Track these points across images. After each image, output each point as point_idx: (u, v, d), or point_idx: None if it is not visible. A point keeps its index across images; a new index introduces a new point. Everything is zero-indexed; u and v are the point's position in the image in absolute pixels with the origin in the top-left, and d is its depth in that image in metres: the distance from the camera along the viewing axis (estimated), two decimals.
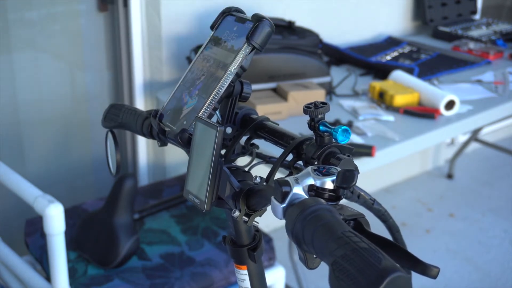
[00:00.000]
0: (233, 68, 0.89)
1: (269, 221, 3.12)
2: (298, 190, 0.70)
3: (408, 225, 3.43)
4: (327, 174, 0.71)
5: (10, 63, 2.45)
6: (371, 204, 0.90)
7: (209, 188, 0.83)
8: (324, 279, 2.69)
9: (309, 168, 0.72)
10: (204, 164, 0.84)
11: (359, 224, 0.68)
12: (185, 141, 0.89)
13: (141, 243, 2.11)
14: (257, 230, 0.94)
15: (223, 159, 0.88)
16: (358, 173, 0.69)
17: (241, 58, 0.89)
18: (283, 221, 0.69)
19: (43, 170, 2.64)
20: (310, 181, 0.71)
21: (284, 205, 0.69)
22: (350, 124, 2.27)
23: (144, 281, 1.97)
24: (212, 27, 0.97)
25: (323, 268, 0.70)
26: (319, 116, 0.82)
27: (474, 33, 3.39)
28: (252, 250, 0.93)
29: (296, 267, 2.51)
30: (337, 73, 2.77)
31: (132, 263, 2.03)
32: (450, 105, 2.40)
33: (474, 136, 3.97)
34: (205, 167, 0.84)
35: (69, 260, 1.99)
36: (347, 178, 0.68)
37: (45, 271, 2.04)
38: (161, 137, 0.98)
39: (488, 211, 3.62)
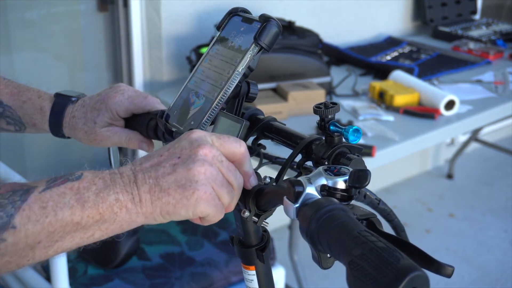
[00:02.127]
0: (241, 68, 0.89)
1: (269, 221, 3.11)
2: (311, 190, 0.70)
3: (408, 225, 3.43)
4: (338, 174, 0.71)
5: (10, 63, 2.45)
6: (376, 203, 0.90)
7: None
8: (324, 279, 2.67)
9: (321, 168, 0.72)
10: None
11: (371, 224, 0.68)
12: None
13: (141, 243, 2.10)
14: (265, 230, 0.94)
15: None
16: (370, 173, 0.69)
17: (248, 58, 0.89)
18: (283, 221, 0.69)
19: (43, 170, 2.63)
20: (323, 181, 0.71)
21: (297, 205, 0.69)
22: (350, 124, 2.26)
23: (144, 281, 1.96)
24: (218, 28, 0.96)
25: (324, 268, 0.70)
26: (329, 116, 0.82)
27: (474, 33, 3.39)
28: (261, 251, 0.92)
29: (296, 267, 2.50)
30: (337, 73, 2.77)
31: (132, 263, 2.03)
32: (450, 105, 2.40)
33: (474, 136, 3.97)
34: None
35: (69, 260, 1.99)
36: (360, 178, 0.68)
37: (45, 271, 2.04)
38: (167, 137, 0.97)
39: (488, 211, 3.62)
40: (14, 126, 1.09)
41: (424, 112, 2.38)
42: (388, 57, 3.04)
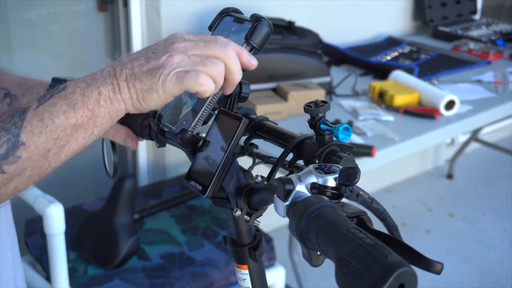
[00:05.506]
0: None
1: (269, 221, 3.12)
2: (301, 188, 0.70)
3: (408, 225, 3.43)
4: (329, 172, 0.71)
5: (10, 63, 2.45)
6: (369, 202, 0.90)
7: (217, 174, 0.84)
8: (324, 279, 2.67)
9: (311, 166, 0.73)
10: (217, 153, 0.85)
11: (361, 222, 0.69)
12: (185, 141, 0.89)
13: (141, 243, 2.11)
14: (258, 229, 0.94)
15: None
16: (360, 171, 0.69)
17: None
18: (283, 221, 0.70)
19: None
20: (313, 179, 0.71)
21: (287, 203, 0.70)
22: (350, 124, 2.27)
23: (144, 281, 1.97)
24: (210, 28, 0.96)
25: (323, 268, 0.71)
26: (320, 115, 0.82)
27: (474, 33, 3.39)
28: (253, 250, 0.93)
29: (296, 267, 2.51)
30: (337, 73, 2.77)
31: (132, 263, 2.03)
32: (450, 105, 2.40)
33: (474, 136, 3.97)
34: (217, 156, 0.85)
35: (69, 260, 1.99)
36: (350, 175, 0.68)
37: (45, 271, 2.04)
38: (160, 137, 0.97)
39: (488, 211, 3.62)
40: None
41: (424, 112, 2.38)
42: (388, 57, 3.04)
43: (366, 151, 2.04)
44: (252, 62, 0.85)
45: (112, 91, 0.78)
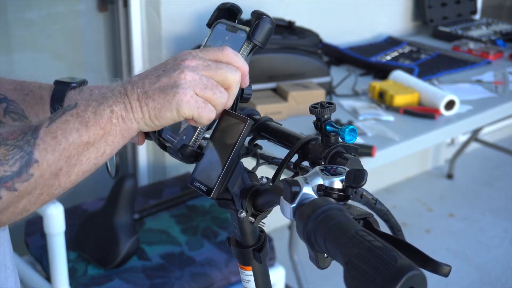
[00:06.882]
0: None
1: (269, 221, 3.12)
2: (308, 190, 0.70)
3: (408, 225, 3.43)
4: (335, 174, 0.71)
5: (10, 63, 2.45)
6: (373, 203, 0.90)
7: (222, 176, 0.84)
8: (324, 279, 2.66)
9: (317, 168, 0.72)
10: (222, 154, 0.85)
11: (368, 224, 0.68)
12: (186, 156, 0.88)
13: (141, 243, 2.10)
14: (262, 231, 0.94)
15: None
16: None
17: None
18: (284, 221, 0.70)
19: None
20: (319, 181, 0.71)
21: (294, 205, 0.70)
22: (350, 124, 2.26)
23: (144, 281, 1.96)
24: (208, 25, 0.95)
25: (321, 268, 0.70)
26: (326, 116, 0.82)
27: (474, 33, 3.39)
28: (258, 251, 0.93)
29: (296, 267, 2.50)
30: (337, 73, 2.77)
31: (132, 263, 2.03)
32: (450, 105, 2.40)
33: (474, 136, 3.97)
34: (222, 157, 0.84)
35: (69, 260, 1.99)
36: (358, 177, 0.68)
37: (45, 271, 2.04)
38: (159, 138, 0.97)
39: (488, 211, 3.62)
40: (19, 121, 1.08)
41: (424, 112, 2.38)
42: (388, 57, 3.04)
43: (366, 151, 2.04)
44: (247, 83, 0.87)
45: (124, 110, 0.79)
